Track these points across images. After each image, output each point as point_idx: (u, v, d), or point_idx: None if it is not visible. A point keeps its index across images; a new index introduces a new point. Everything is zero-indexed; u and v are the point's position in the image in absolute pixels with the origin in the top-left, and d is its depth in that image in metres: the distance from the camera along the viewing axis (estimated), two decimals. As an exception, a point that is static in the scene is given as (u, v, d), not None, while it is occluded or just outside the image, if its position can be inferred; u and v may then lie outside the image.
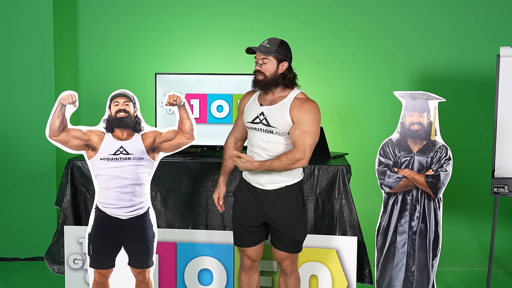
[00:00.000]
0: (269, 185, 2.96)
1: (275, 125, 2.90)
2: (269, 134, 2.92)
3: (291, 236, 3.00)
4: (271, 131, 2.91)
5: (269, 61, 2.90)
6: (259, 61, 2.91)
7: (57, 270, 3.82)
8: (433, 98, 3.49)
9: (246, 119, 3.02)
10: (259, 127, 2.93)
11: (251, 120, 2.97)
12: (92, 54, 5.22)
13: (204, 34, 5.18)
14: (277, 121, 2.90)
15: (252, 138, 3.00)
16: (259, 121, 2.93)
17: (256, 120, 2.95)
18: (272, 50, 2.89)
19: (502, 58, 3.80)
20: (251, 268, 3.15)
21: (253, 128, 2.97)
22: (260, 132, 2.93)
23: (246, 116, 3.02)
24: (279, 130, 2.90)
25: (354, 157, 4.36)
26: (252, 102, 3.03)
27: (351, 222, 3.65)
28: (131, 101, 3.08)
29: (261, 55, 2.90)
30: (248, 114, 3.00)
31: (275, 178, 2.95)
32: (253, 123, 2.96)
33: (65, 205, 3.75)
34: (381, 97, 5.04)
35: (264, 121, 2.92)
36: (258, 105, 2.97)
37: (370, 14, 5.13)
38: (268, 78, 2.91)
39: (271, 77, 2.91)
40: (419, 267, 3.57)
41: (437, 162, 3.49)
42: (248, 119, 2.99)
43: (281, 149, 2.92)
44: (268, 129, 2.91)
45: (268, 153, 2.92)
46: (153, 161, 3.12)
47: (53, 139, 3.03)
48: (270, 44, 2.91)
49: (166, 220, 3.81)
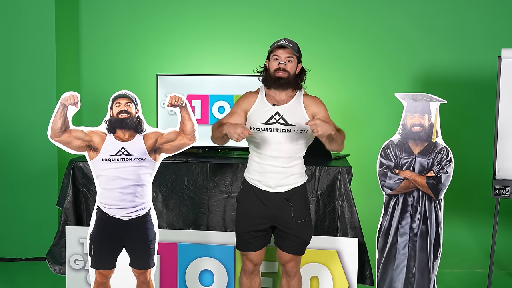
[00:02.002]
0: (279, 188, 2.95)
1: (294, 123, 2.89)
2: (286, 133, 2.89)
3: (300, 238, 3.00)
4: (289, 130, 2.88)
5: (293, 60, 2.91)
6: (284, 59, 2.89)
7: (58, 271, 3.83)
8: (434, 100, 3.50)
9: (256, 121, 2.92)
10: (275, 127, 2.89)
11: (265, 121, 2.90)
12: (93, 54, 5.22)
13: (206, 35, 5.18)
14: (295, 119, 2.89)
15: (260, 142, 2.92)
16: (275, 121, 2.89)
17: (272, 121, 2.90)
18: (296, 49, 2.92)
19: (503, 60, 3.80)
20: (253, 271, 3.14)
21: (266, 130, 2.90)
22: (275, 132, 2.89)
23: (256, 118, 2.93)
24: (297, 128, 2.89)
25: (355, 158, 4.36)
26: (261, 103, 2.96)
27: (352, 224, 3.65)
28: (133, 102, 3.08)
29: (286, 53, 2.89)
30: (259, 116, 2.93)
31: (285, 181, 2.94)
32: (268, 124, 2.90)
33: (67, 206, 3.76)
34: (382, 99, 5.04)
35: (281, 120, 2.89)
36: (271, 106, 2.93)
37: (373, 15, 5.13)
38: (290, 76, 2.91)
39: (292, 77, 2.92)
40: (420, 268, 3.58)
41: (438, 164, 3.49)
42: (261, 120, 2.91)
43: (296, 148, 2.91)
44: (286, 128, 2.88)
45: (282, 155, 2.90)
46: (155, 162, 3.12)
47: (55, 140, 3.03)
48: (292, 44, 2.91)
49: (167, 220, 3.81)
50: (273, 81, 2.91)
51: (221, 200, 3.78)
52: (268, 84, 2.95)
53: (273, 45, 2.93)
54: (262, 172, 2.94)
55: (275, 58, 2.91)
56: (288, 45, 2.88)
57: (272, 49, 2.93)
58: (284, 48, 2.89)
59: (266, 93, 2.99)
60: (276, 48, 2.91)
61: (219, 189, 3.78)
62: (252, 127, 2.92)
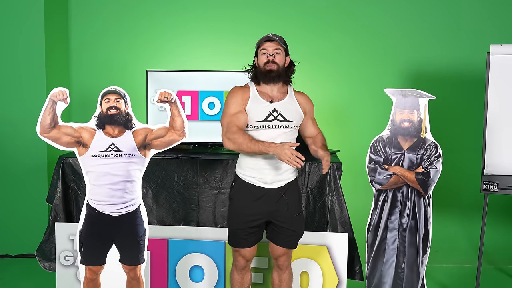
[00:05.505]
0: (275, 184, 2.96)
1: (292, 118, 2.93)
2: (284, 129, 2.91)
3: (294, 231, 3.03)
4: (287, 125, 2.91)
5: (281, 52, 2.93)
6: (272, 51, 2.90)
7: (48, 267, 3.82)
8: (423, 95, 3.51)
9: (254, 118, 2.89)
10: (273, 124, 2.90)
11: (263, 118, 2.89)
12: (83, 50, 5.20)
13: (196, 31, 5.17)
14: (293, 115, 2.93)
15: (258, 138, 2.88)
16: (274, 117, 2.90)
17: (270, 118, 2.90)
18: (283, 42, 2.95)
19: (492, 56, 3.83)
20: (244, 267, 3.14)
21: (264, 127, 2.89)
22: (274, 129, 2.90)
23: (254, 116, 2.90)
24: (295, 124, 2.94)
25: (345, 154, 4.38)
26: (256, 100, 2.93)
27: (342, 219, 3.66)
28: (122, 98, 3.07)
29: (274, 45, 2.91)
30: (256, 113, 2.90)
31: (281, 177, 2.96)
32: (266, 121, 2.89)
33: (56, 202, 3.75)
34: (371, 95, 5.06)
35: (280, 117, 2.90)
36: (267, 103, 2.92)
37: (360, 12, 5.15)
38: (280, 68, 2.92)
39: (282, 69, 2.93)
40: (409, 263, 3.60)
41: (427, 159, 3.51)
42: (259, 117, 2.89)
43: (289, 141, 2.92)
44: (285, 124, 2.91)
45: None
46: (144, 158, 3.11)
47: (44, 136, 3.02)
48: (278, 37, 2.94)
49: (157, 216, 3.81)
50: (264, 74, 2.91)
51: (211, 196, 3.79)
52: (259, 79, 2.95)
53: (259, 40, 2.96)
54: (258, 169, 2.94)
55: (263, 52, 2.92)
56: (275, 37, 2.92)
57: (260, 43, 2.96)
58: (271, 41, 2.92)
59: (258, 89, 2.97)
60: (263, 42, 2.93)
61: (209, 185, 3.78)
62: (250, 124, 2.91)
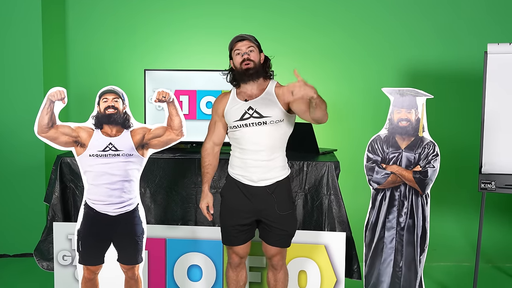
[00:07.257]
0: (262, 182, 2.96)
1: (268, 114, 2.90)
2: (261, 126, 2.90)
3: (284, 231, 3.02)
4: (264, 122, 2.90)
5: (254, 49, 2.96)
6: (246, 50, 2.93)
7: (46, 267, 3.82)
8: (421, 94, 3.52)
9: (231, 119, 2.96)
10: (250, 122, 2.91)
11: (239, 117, 2.93)
12: (81, 50, 5.20)
13: (193, 30, 5.17)
14: (269, 110, 2.91)
15: (240, 138, 2.95)
16: (249, 115, 2.91)
17: (245, 116, 2.92)
18: (254, 39, 2.99)
19: (489, 55, 3.83)
20: (238, 264, 3.16)
21: (242, 126, 2.92)
22: (251, 127, 2.91)
23: (230, 117, 2.96)
24: (273, 119, 2.90)
25: (343, 153, 4.39)
26: (233, 102, 2.99)
27: (340, 218, 3.67)
28: (120, 97, 3.08)
29: (246, 44, 2.94)
30: (232, 114, 2.96)
31: (268, 175, 2.95)
32: (242, 120, 2.92)
33: (54, 202, 3.75)
34: (369, 94, 5.07)
35: (255, 114, 2.91)
36: (242, 102, 2.96)
37: (358, 9, 5.15)
38: (256, 65, 2.94)
39: (258, 65, 2.95)
40: (407, 262, 3.60)
41: (424, 158, 3.51)
42: (235, 117, 2.94)
43: (275, 138, 2.92)
44: (261, 121, 2.90)
45: (262, 148, 2.91)
46: (142, 158, 3.12)
47: (42, 136, 3.02)
48: (249, 36, 2.98)
49: (155, 216, 3.81)
50: (243, 74, 2.94)
51: (209, 195, 3.78)
52: (238, 80, 2.99)
53: (231, 42, 2.99)
54: (244, 167, 2.96)
55: (237, 53, 2.95)
56: (245, 36, 2.96)
57: (232, 45, 2.99)
58: (242, 40, 2.95)
59: (237, 91, 3.02)
60: (235, 43, 2.97)
61: (207, 185, 3.78)
62: (229, 126, 2.98)
